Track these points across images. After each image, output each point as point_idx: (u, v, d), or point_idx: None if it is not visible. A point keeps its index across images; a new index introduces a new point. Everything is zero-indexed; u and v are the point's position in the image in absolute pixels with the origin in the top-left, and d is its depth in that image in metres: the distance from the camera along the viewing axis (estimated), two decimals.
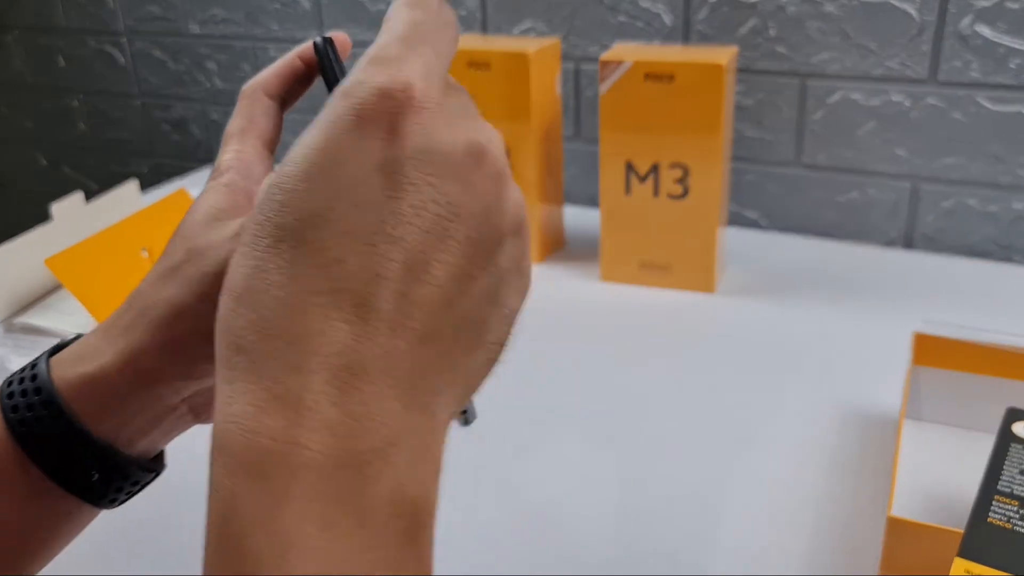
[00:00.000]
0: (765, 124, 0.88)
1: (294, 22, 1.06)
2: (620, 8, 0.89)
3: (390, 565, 0.21)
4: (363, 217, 0.23)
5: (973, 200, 0.83)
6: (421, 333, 0.23)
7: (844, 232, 0.88)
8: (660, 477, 0.54)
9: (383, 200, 0.23)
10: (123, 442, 0.31)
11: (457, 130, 0.24)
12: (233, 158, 0.34)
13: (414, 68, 0.24)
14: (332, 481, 0.21)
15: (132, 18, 1.17)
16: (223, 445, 0.22)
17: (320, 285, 0.22)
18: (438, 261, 0.23)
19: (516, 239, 0.26)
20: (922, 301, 0.73)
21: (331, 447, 0.21)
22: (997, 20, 0.76)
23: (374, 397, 0.22)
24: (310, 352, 0.22)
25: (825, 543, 0.49)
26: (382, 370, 0.22)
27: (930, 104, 0.81)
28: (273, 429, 0.21)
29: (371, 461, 0.21)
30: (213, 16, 1.11)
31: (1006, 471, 0.44)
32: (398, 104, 0.23)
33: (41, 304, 0.77)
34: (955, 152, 0.82)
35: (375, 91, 0.23)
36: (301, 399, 0.21)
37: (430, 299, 0.23)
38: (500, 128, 0.24)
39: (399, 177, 0.23)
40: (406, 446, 0.22)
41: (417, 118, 0.24)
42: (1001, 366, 0.54)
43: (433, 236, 0.23)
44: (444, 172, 0.24)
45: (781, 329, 0.70)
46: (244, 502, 0.21)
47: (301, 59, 0.36)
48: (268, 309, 0.22)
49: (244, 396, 0.22)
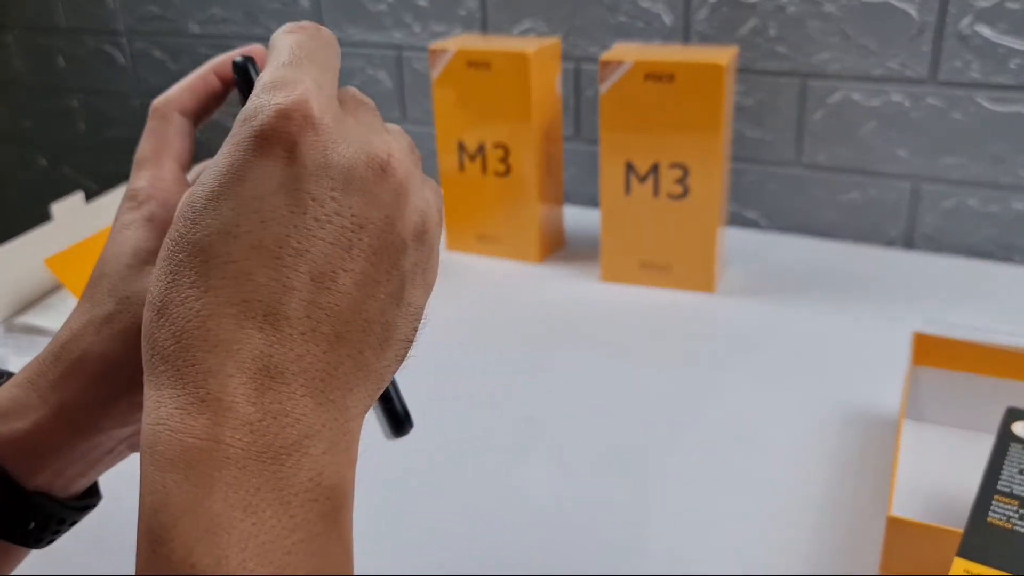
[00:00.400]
0: (765, 124, 0.88)
1: (293, 21, 1.06)
2: (620, 8, 0.89)
3: (312, 544, 0.23)
4: (269, 232, 0.24)
5: (973, 200, 0.83)
6: (330, 336, 0.25)
7: (844, 232, 0.88)
8: (660, 477, 0.54)
9: (287, 215, 0.25)
10: (59, 488, 0.32)
11: (356, 144, 0.26)
12: (150, 185, 0.34)
13: (307, 89, 0.26)
14: (254, 472, 0.23)
15: (132, 18, 1.17)
16: (152, 446, 0.23)
17: (232, 296, 0.24)
18: (344, 270, 0.25)
19: (419, 244, 0.28)
20: (922, 301, 0.73)
21: (251, 442, 0.23)
22: (997, 20, 0.76)
23: (289, 396, 0.24)
24: (226, 358, 0.23)
25: (825, 543, 0.49)
26: (295, 372, 0.24)
27: (930, 104, 0.81)
28: (197, 429, 0.23)
29: (289, 453, 0.23)
30: (213, 16, 1.11)
31: (1006, 471, 0.44)
32: (296, 124, 0.25)
33: (41, 304, 0.77)
34: (955, 152, 0.82)
35: (273, 114, 0.25)
36: (221, 400, 0.23)
37: (337, 305, 0.25)
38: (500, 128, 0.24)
39: (301, 193, 0.25)
40: (321, 439, 0.24)
41: (315, 136, 0.25)
42: (1001, 366, 0.54)
43: (338, 247, 0.25)
44: (345, 186, 0.26)
45: (781, 329, 0.70)
46: (173, 493, 0.22)
47: (217, 75, 0.36)
48: (185, 320, 0.24)
49: (170, 401, 0.23)
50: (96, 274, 0.32)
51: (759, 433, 0.58)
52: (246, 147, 0.25)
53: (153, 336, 0.24)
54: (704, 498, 0.53)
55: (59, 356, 0.31)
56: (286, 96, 0.25)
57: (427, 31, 0.99)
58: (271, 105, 0.25)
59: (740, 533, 0.50)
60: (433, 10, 0.98)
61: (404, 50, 1.01)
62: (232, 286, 0.24)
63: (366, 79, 1.04)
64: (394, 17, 1.00)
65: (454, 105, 0.80)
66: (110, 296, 0.31)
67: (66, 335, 0.31)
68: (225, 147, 0.26)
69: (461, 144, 0.81)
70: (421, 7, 0.98)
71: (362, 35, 1.02)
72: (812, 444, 0.57)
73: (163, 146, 0.35)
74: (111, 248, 0.32)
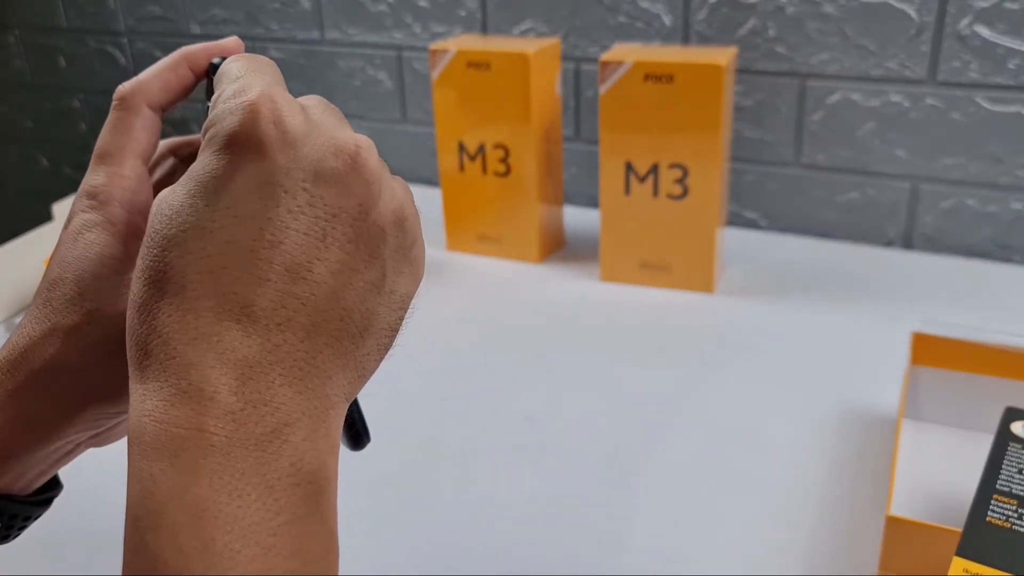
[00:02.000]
0: (764, 124, 0.88)
1: (294, 22, 1.06)
2: (620, 8, 0.89)
3: (296, 527, 0.24)
4: (243, 227, 0.25)
5: (972, 200, 0.83)
6: (307, 326, 0.25)
7: (843, 232, 0.88)
8: (659, 477, 0.55)
9: (260, 209, 0.25)
10: (20, 488, 0.32)
11: (323, 137, 0.27)
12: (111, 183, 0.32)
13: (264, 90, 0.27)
14: (237, 459, 0.23)
15: (133, 18, 1.17)
16: (138, 437, 0.24)
17: (208, 290, 0.25)
18: (319, 259, 0.26)
19: (398, 230, 0.28)
20: (921, 301, 0.73)
21: (233, 431, 0.24)
22: (996, 20, 0.76)
23: (268, 386, 0.24)
24: (207, 350, 0.24)
25: (824, 543, 0.49)
26: (273, 362, 0.25)
27: (929, 104, 0.81)
28: (181, 419, 0.23)
29: (270, 440, 0.24)
30: (213, 16, 1.11)
31: (1005, 470, 0.44)
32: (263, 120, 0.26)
33: None
34: (954, 152, 0.82)
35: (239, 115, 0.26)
36: (203, 391, 0.24)
37: (313, 295, 0.25)
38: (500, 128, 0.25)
39: (273, 187, 0.26)
40: (301, 426, 0.25)
41: (282, 131, 0.26)
42: (1000, 366, 0.54)
43: (312, 237, 0.26)
44: (316, 177, 0.26)
45: (780, 329, 0.70)
46: (159, 481, 0.23)
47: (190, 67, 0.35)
48: (166, 315, 0.25)
49: (155, 394, 0.24)
50: (54, 276, 0.31)
51: (758, 433, 0.58)
52: (217, 149, 0.26)
53: (136, 332, 0.25)
54: (703, 498, 0.53)
55: (17, 365, 0.30)
56: (248, 98, 0.26)
57: (427, 31, 0.99)
58: (236, 107, 0.26)
59: (739, 533, 0.50)
60: (433, 10, 0.98)
61: (404, 50, 1.01)
62: (208, 280, 0.25)
63: (366, 79, 1.04)
64: (394, 17, 1.00)
65: (454, 105, 0.80)
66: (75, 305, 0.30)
67: (24, 343, 0.30)
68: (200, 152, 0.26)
69: (461, 144, 0.81)
70: (421, 7, 0.98)
71: (362, 35, 1.02)
72: (811, 444, 0.57)
73: (127, 140, 0.33)
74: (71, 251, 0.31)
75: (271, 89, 0.27)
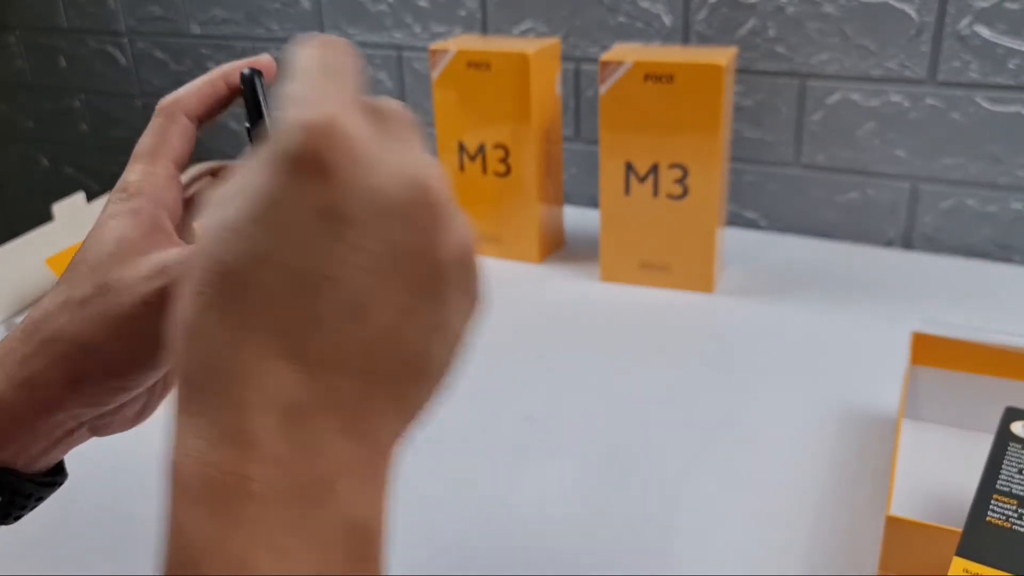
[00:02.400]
0: (764, 124, 0.88)
1: (294, 22, 1.06)
2: (620, 8, 0.89)
3: None
4: (302, 259, 0.23)
5: (972, 200, 0.83)
6: (363, 370, 0.24)
7: (843, 232, 0.88)
8: (659, 477, 0.55)
9: (321, 242, 0.23)
10: (23, 464, 0.32)
11: (394, 166, 0.24)
12: (142, 180, 0.34)
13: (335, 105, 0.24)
14: (280, 509, 0.22)
15: (133, 18, 1.17)
16: (178, 478, 0.22)
17: (261, 324, 0.23)
18: (379, 300, 0.23)
19: (462, 268, 0.26)
20: (921, 301, 0.73)
21: (277, 478, 0.22)
22: (996, 21, 0.76)
23: (317, 431, 0.23)
24: (254, 389, 0.22)
25: (824, 543, 0.49)
26: (323, 406, 0.23)
27: (929, 104, 0.81)
28: (223, 463, 0.22)
29: (317, 490, 0.22)
30: (214, 17, 1.11)
31: (1005, 470, 0.44)
32: (329, 145, 0.23)
33: None
34: (954, 152, 0.82)
35: (304, 135, 0.23)
36: (246, 433, 0.22)
37: (371, 338, 0.24)
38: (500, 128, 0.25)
39: (337, 219, 0.23)
40: (351, 474, 0.23)
41: (350, 157, 0.23)
42: (1000, 366, 0.54)
43: (374, 276, 0.23)
44: (382, 209, 0.23)
45: (780, 329, 0.70)
46: (198, 530, 0.22)
47: (226, 82, 0.36)
48: (214, 347, 0.23)
49: (197, 430, 0.22)
50: (76, 259, 0.32)
51: (758, 433, 0.58)
52: (278, 169, 0.23)
53: (183, 361, 0.24)
54: (703, 498, 0.53)
55: (30, 334, 0.31)
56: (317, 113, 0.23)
57: (427, 32, 0.99)
58: (301, 124, 0.23)
59: (739, 533, 0.50)
60: (433, 11, 0.98)
61: (404, 50, 1.01)
62: (262, 315, 0.23)
63: (366, 79, 1.04)
64: (394, 18, 1.00)
65: (454, 105, 0.80)
66: (88, 280, 0.31)
67: (39, 315, 0.32)
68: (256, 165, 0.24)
69: (461, 144, 0.81)
70: (421, 8, 0.98)
71: (362, 36, 1.02)
72: (811, 444, 0.57)
73: (163, 144, 0.35)
74: (94, 236, 0.32)
75: (344, 103, 0.24)
